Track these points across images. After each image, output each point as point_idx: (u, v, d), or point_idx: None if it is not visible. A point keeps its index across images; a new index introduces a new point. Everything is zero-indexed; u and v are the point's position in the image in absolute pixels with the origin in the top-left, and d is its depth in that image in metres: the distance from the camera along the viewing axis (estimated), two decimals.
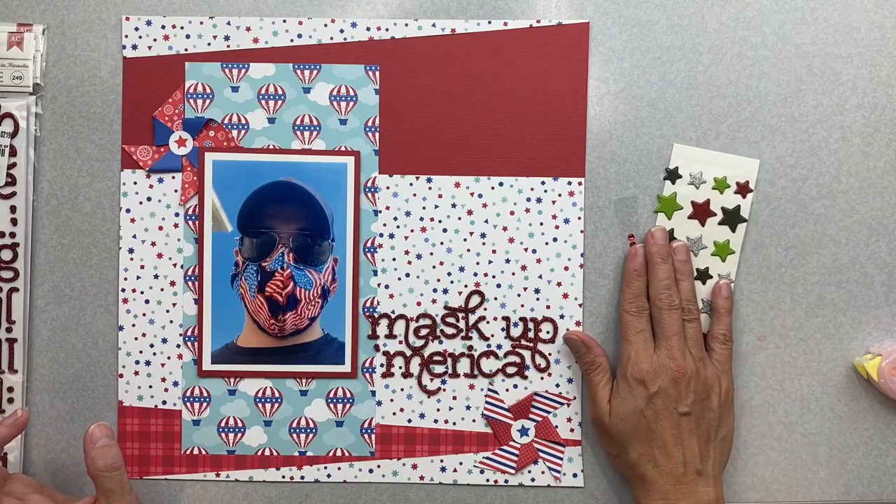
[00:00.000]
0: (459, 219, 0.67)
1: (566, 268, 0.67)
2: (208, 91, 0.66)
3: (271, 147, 0.66)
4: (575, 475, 0.67)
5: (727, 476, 0.66)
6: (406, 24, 0.66)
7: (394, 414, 0.67)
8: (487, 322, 0.67)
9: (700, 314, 0.64)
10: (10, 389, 0.66)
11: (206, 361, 0.67)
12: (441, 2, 0.66)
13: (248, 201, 0.66)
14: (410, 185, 0.67)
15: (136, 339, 0.67)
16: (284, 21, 0.66)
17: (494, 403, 0.67)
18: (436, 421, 0.67)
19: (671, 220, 0.66)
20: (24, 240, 0.66)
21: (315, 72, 0.66)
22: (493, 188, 0.67)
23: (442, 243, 0.67)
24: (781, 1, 0.66)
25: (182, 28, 0.66)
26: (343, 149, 0.67)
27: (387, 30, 0.66)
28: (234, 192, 0.66)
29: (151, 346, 0.67)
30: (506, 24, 0.66)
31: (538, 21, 0.66)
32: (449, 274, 0.67)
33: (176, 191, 0.67)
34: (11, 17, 0.66)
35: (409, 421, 0.67)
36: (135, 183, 0.67)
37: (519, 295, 0.67)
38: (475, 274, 0.67)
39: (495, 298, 0.67)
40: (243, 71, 0.66)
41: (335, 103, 0.67)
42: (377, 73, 0.66)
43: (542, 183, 0.67)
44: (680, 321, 0.63)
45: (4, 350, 0.66)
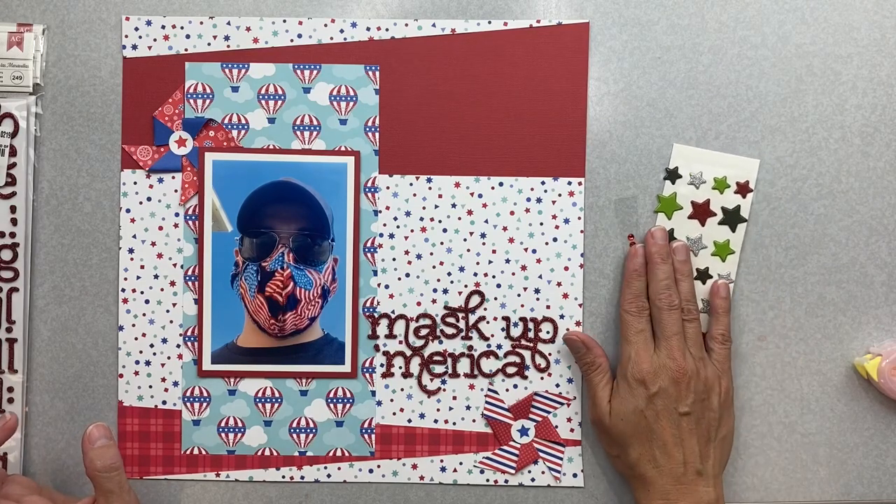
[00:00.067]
0: (459, 219, 0.67)
1: (566, 268, 0.67)
2: (208, 91, 0.66)
3: (271, 147, 0.66)
4: (575, 475, 0.67)
5: (727, 476, 0.66)
6: (406, 24, 0.66)
7: (394, 414, 0.67)
8: (487, 322, 0.67)
9: (699, 314, 0.64)
10: (10, 389, 0.66)
11: (206, 361, 0.67)
12: (441, 2, 0.66)
13: (248, 201, 0.66)
14: (410, 185, 0.67)
15: (136, 339, 0.67)
16: (284, 21, 0.66)
17: (494, 403, 0.67)
18: (436, 421, 0.67)
19: (671, 220, 0.66)
20: (24, 240, 0.66)
21: (315, 72, 0.66)
22: (493, 188, 0.67)
23: (442, 243, 0.67)
24: (781, 1, 0.66)
25: (182, 28, 0.66)
26: (343, 149, 0.67)
27: (387, 30, 0.66)
28: (234, 192, 0.66)
29: (151, 346, 0.67)
30: (506, 24, 0.66)
31: (538, 21, 0.66)
32: (449, 274, 0.67)
33: (176, 191, 0.67)
34: (11, 17, 0.66)
35: (409, 421, 0.67)
36: (135, 183, 0.67)
37: (519, 295, 0.67)
38: (475, 274, 0.67)
39: (495, 298, 0.67)
40: (243, 71, 0.66)
41: (335, 103, 0.67)
42: (377, 73, 0.66)
43: (542, 183, 0.67)
44: (680, 321, 0.63)
45: (4, 350, 0.66)
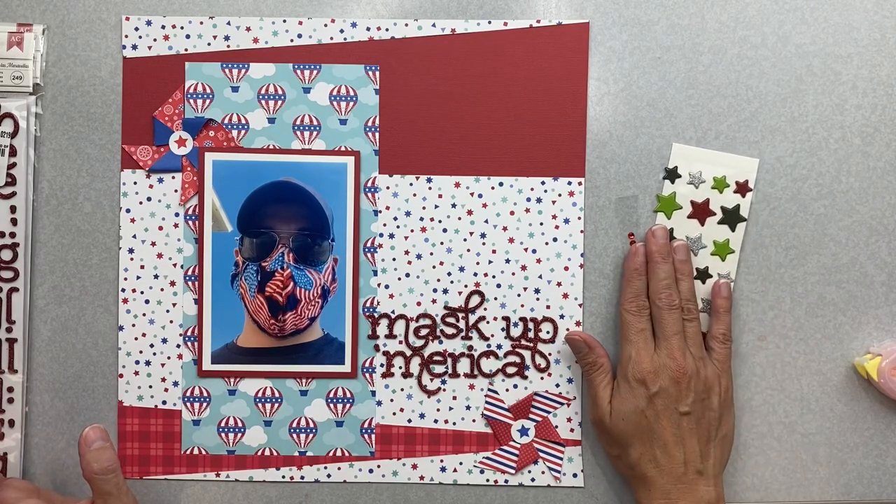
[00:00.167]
0: (459, 219, 0.67)
1: (566, 268, 0.67)
2: (208, 91, 0.66)
3: (271, 147, 0.66)
4: (575, 475, 0.67)
5: (727, 476, 0.66)
6: (406, 24, 0.66)
7: (394, 414, 0.67)
8: (487, 322, 0.67)
9: (699, 313, 0.64)
10: (10, 389, 0.66)
11: (206, 361, 0.67)
12: (441, 2, 0.66)
13: (248, 201, 0.66)
14: (410, 185, 0.67)
15: (136, 339, 0.67)
16: (284, 21, 0.66)
17: (494, 403, 0.67)
18: (436, 421, 0.67)
19: (671, 220, 0.66)
20: (24, 240, 0.66)
21: (315, 72, 0.66)
22: (493, 188, 0.67)
23: (442, 243, 0.67)
24: (781, 1, 0.66)
25: (182, 28, 0.66)
26: (343, 149, 0.67)
27: (387, 30, 0.66)
28: (234, 192, 0.66)
29: (151, 346, 0.67)
30: (506, 24, 0.66)
31: (538, 21, 0.66)
32: (449, 274, 0.67)
33: (176, 191, 0.67)
34: (11, 17, 0.66)
35: (409, 421, 0.67)
36: (135, 183, 0.67)
37: (519, 295, 0.67)
38: (475, 274, 0.67)
39: (495, 298, 0.67)
40: (243, 71, 0.66)
41: (335, 103, 0.67)
42: (377, 73, 0.66)
43: (542, 183, 0.67)
44: (680, 321, 0.63)
45: (4, 350, 0.66)
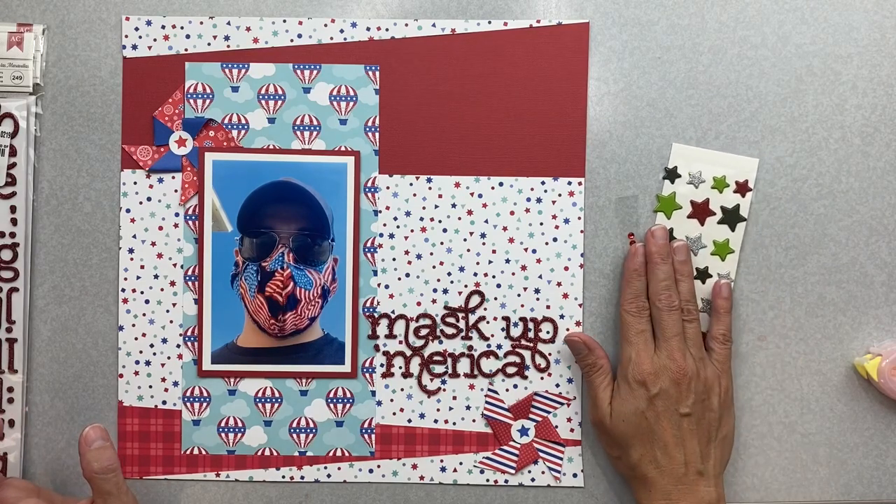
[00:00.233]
0: (459, 219, 0.67)
1: (566, 268, 0.67)
2: (208, 91, 0.66)
3: (271, 147, 0.66)
4: (575, 475, 0.67)
5: (727, 476, 0.66)
6: (406, 24, 0.66)
7: (394, 414, 0.67)
8: (487, 322, 0.67)
9: (699, 314, 0.64)
10: (10, 389, 0.66)
11: (206, 361, 0.67)
12: (441, 2, 0.66)
13: (248, 201, 0.66)
14: (410, 185, 0.67)
15: (136, 339, 0.67)
16: (284, 21, 0.66)
17: (494, 403, 0.67)
18: (436, 421, 0.67)
19: (670, 220, 0.66)
20: (24, 240, 0.66)
21: (315, 72, 0.66)
22: (493, 188, 0.67)
23: (442, 243, 0.67)
24: (781, 1, 0.66)
25: (182, 28, 0.66)
26: (343, 149, 0.67)
27: (387, 30, 0.66)
28: (234, 192, 0.66)
29: (151, 346, 0.67)
30: (506, 24, 0.66)
31: (538, 21, 0.66)
32: (449, 274, 0.67)
33: (176, 191, 0.67)
34: (11, 17, 0.66)
35: (409, 421, 0.67)
36: (135, 183, 0.67)
37: (519, 295, 0.67)
38: (475, 274, 0.67)
39: (495, 298, 0.67)
40: (243, 71, 0.66)
41: (335, 103, 0.67)
42: (377, 73, 0.66)
43: (542, 183, 0.67)
44: (680, 322, 0.63)
45: (4, 350, 0.66)
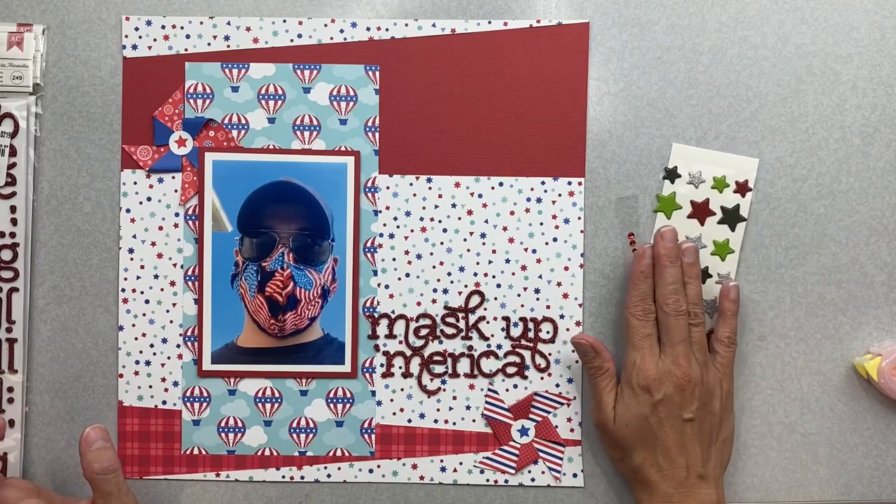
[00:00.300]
0: (459, 219, 0.67)
1: (566, 268, 0.67)
2: (208, 91, 0.66)
3: (271, 147, 0.66)
4: (575, 475, 0.67)
5: (727, 476, 0.66)
6: (406, 24, 0.66)
7: (394, 414, 0.67)
8: (487, 322, 0.67)
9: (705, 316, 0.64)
10: (10, 389, 0.66)
11: (206, 361, 0.67)
12: (441, 2, 0.66)
13: (248, 201, 0.66)
14: (410, 185, 0.67)
15: (136, 339, 0.67)
16: (284, 21, 0.66)
17: (494, 403, 0.67)
18: (436, 421, 0.67)
19: (671, 220, 0.66)
20: (24, 240, 0.66)
21: (315, 72, 0.66)
22: (493, 188, 0.67)
23: (442, 243, 0.67)
24: (781, 1, 0.66)
25: (182, 28, 0.66)
26: (343, 149, 0.67)
27: (387, 30, 0.66)
28: (234, 192, 0.66)
29: (151, 346, 0.67)
30: (506, 24, 0.66)
31: (538, 21, 0.66)
32: (449, 274, 0.67)
33: (176, 191, 0.67)
34: (11, 17, 0.66)
35: (409, 421, 0.67)
36: (135, 183, 0.67)
37: (519, 295, 0.67)
38: (475, 274, 0.67)
39: (495, 298, 0.67)
40: (243, 71, 0.66)
41: (335, 103, 0.67)
42: (377, 73, 0.66)
43: (542, 183, 0.67)
44: (687, 327, 0.62)
45: (4, 350, 0.66)
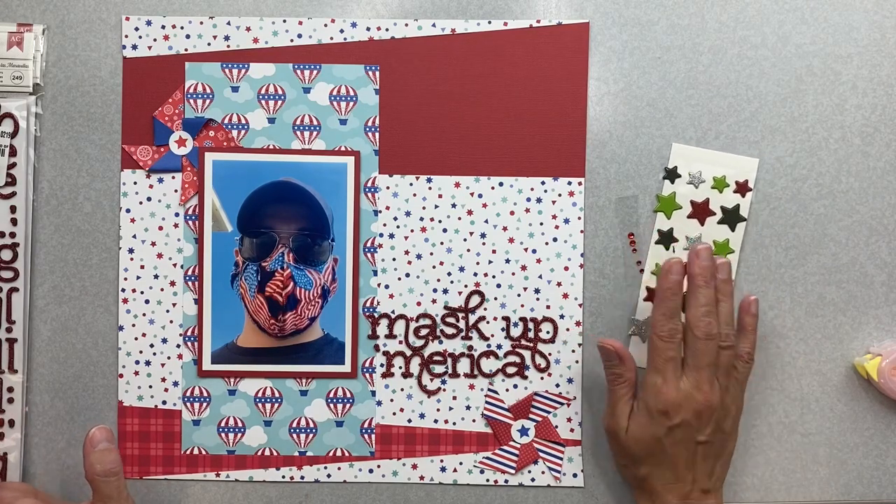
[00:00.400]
0: (459, 219, 0.67)
1: (566, 268, 0.67)
2: (208, 91, 0.66)
3: (271, 147, 0.66)
4: (575, 475, 0.67)
5: (728, 476, 0.66)
6: (406, 24, 0.66)
7: (394, 414, 0.67)
8: (487, 322, 0.67)
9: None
10: (10, 389, 0.66)
11: (206, 361, 0.67)
12: (441, 2, 0.66)
13: (248, 201, 0.66)
14: (410, 185, 0.67)
15: (136, 339, 0.67)
16: (284, 21, 0.66)
17: (494, 403, 0.67)
18: (436, 421, 0.67)
19: (670, 220, 0.66)
20: (24, 240, 0.66)
21: (315, 72, 0.66)
22: (493, 188, 0.67)
23: (442, 243, 0.67)
24: (781, 1, 0.66)
25: (182, 28, 0.66)
26: (343, 149, 0.67)
27: (387, 30, 0.66)
28: (234, 192, 0.66)
29: (151, 346, 0.67)
30: (506, 24, 0.66)
31: (538, 21, 0.66)
32: (449, 274, 0.67)
33: (176, 191, 0.67)
34: (11, 17, 0.66)
35: (409, 421, 0.67)
36: (135, 183, 0.67)
37: (519, 295, 0.67)
38: (475, 274, 0.67)
39: (495, 298, 0.67)
40: (243, 71, 0.66)
41: (335, 103, 0.67)
42: (377, 73, 0.66)
43: (542, 183, 0.67)
44: (715, 351, 0.59)
45: (4, 350, 0.66)
